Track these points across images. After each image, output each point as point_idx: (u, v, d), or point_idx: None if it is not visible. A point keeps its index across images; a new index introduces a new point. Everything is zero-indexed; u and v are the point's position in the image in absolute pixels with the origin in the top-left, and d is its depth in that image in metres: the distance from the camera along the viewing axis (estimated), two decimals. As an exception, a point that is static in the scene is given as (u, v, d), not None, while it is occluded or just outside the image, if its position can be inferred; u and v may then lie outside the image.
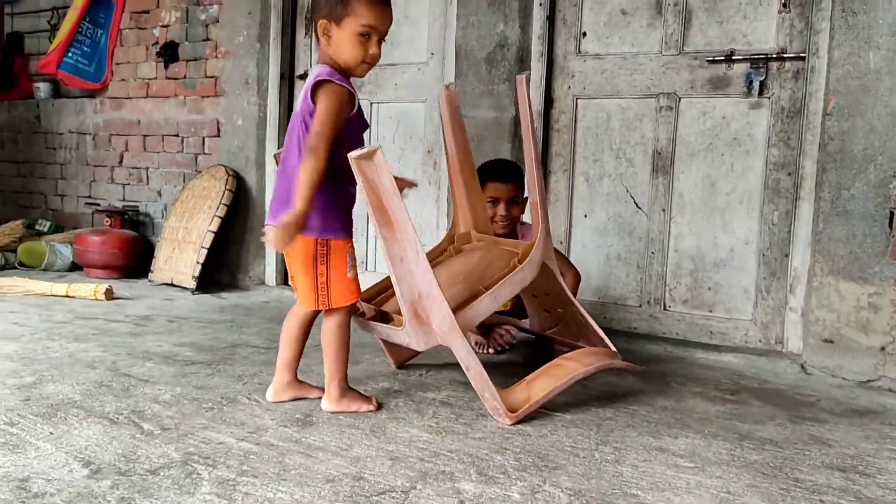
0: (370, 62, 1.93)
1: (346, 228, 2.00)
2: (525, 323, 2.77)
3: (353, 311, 2.07)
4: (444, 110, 2.43)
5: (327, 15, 1.90)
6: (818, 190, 2.69)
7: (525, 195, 2.80)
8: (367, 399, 2.07)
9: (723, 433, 2.00)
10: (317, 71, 1.91)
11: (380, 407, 2.07)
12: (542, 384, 2.06)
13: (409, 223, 1.88)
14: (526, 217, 2.84)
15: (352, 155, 1.81)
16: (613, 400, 2.26)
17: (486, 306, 2.04)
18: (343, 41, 1.89)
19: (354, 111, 1.93)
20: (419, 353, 2.24)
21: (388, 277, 2.34)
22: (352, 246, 2.01)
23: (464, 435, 1.90)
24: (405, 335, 2.01)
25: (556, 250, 2.75)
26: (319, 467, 1.64)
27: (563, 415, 2.09)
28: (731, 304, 3.01)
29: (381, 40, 1.93)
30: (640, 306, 3.18)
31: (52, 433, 1.78)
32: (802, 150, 2.80)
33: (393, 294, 2.25)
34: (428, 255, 2.38)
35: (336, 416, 2.00)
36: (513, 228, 2.78)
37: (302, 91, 1.92)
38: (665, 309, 3.13)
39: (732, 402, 2.32)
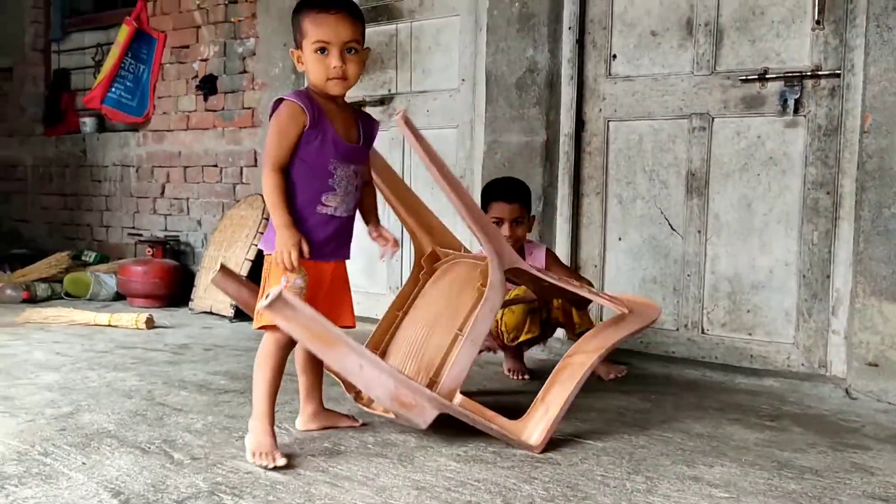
0: (336, 76, 1.85)
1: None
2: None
3: (284, 339, 1.85)
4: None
5: (294, 44, 1.92)
6: (858, 209, 2.63)
7: (532, 214, 2.82)
8: (272, 455, 1.80)
9: (761, 461, 1.94)
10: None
11: (286, 464, 1.80)
12: (555, 395, 2.02)
13: (342, 338, 1.77)
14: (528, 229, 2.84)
15: (261, 307, 1.70)
16: (647, 427, 2.22)
17: (467, 354, 1.97)
18: (307, 63, 1.88)
19: (307, 128, 1.83)
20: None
21: (382, 323, 2.38)
22: (300, 267, 1.85)
23: (492, 464, 1.87)
24: (404, 420, 1.98)
25: (565, 268, 2.91)
26: (345, 497, 1.64)
27: (594, 443, 2.06)
28: (772, 326, 2.94)
29: (348, 52, 1.86)
30: (677, 330, 3.12)
31: (84, 463, 1.80)
32: (841, 169, 2.74)
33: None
34: (403, 289, 2.40)
35: (365, 444, 1.99)
36: (519, 247, 2.75)
37: None
38: (703, 332, 3.07)
39: (772, 428, 2.25)
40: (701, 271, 3.06)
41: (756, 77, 2.88)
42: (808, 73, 2.79)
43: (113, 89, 4.87)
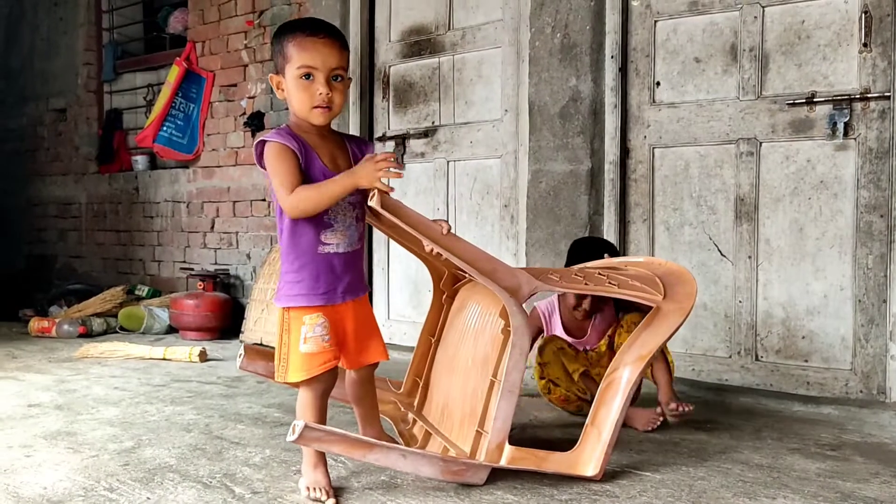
0: (321, 104, 1.79)
1: (295, 294, 1.85)
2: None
3: (320, 388, 1.88)
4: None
5: (275, 69, 1.85)
6: (914, 232, 2.58)
7: None
8: (326, 490, 1.83)
9: (823, 493, 1.90)
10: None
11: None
12: (604, 416, 1.99)
13: (376, 443, 1.83)
14: None
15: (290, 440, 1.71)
16: (705, 458, 2.19)
17: (507, 406, 1.94)
18: (290, 91, 1.81)
19: (302, 166, 1.79)
20: None
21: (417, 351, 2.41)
22: (315, 315, 1.83)
23: (549, 497, 1.87)
24: (461, 482, 1.96)
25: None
26: (405, 532, 1.65)
27: (652, 475, 2.04)
28: (829, 353, 2.88)
29: (334, 79, 1.80)
30: (730, 357, 3.08)
31: (149, 498, 1.84)
32: (894, 191, 2.69)
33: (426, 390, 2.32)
34: (429, 315, 2.43)
35: (420, 477, 2.00)
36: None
37: None
38: (757, 360, 3.03)
39: (834, 458, 2.21)
40: (753, 297, 3.02)
41: (804, 101, 2.87)
42: (857, 96, 2.77)
43: (164, 128, 5.02)
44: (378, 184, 1.72)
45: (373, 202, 1.75)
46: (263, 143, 1.82)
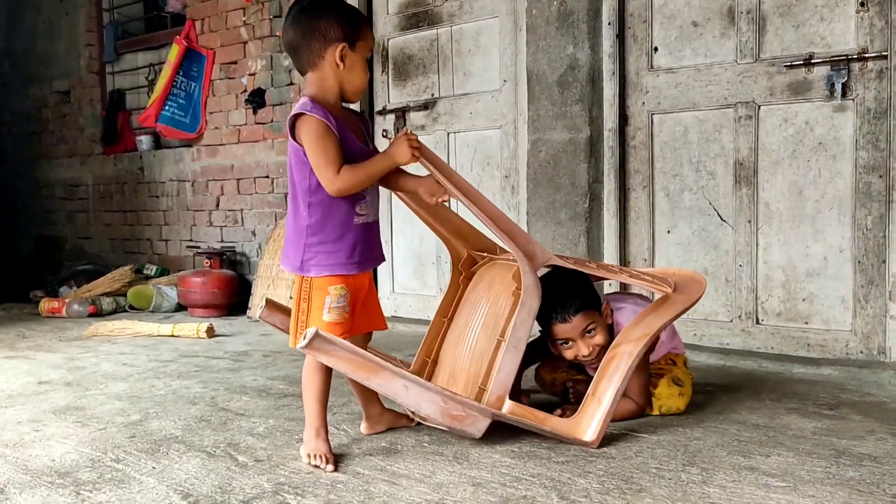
0: (365, 88, 1.92)
1: (332, 264, 1.88)
2: None
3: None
4: None
5: (345, 39, 1.84)
6: (912, 191, 2.58)
7: (605, 307, 2.25)
8: (325, 457, 1.86)
9: (818, 450, 1.92)
10: (297, 105, 1.85)
11: (334, 469, 1.85)
12: (605, 388, 2.02)
13: (383, 365, 1.83)
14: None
15: (300, 347, 1.74)
16: (702, 419, 2.22)
17: (511, 360, 1.99)
18: (354, 67, 1.87)
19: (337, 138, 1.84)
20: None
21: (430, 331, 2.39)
22: (340, 287, 1.88)
23: (547, 459, 1.90)
24: (458, 432, 2.00)
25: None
26: (403, 494, 1.68)
27: (648, 436, 2.07)
28: (829, 314, 2.89)
29: None
30: (731, 321, 3.10)
31: (154, 468, 1.89)
32: (892, 151, 2.69)
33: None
34: (445, 296, 2.39)
35: (421, 443, 2.04)
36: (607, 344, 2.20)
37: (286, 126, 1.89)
38: (757, 323, 3.04)
39: (830, 417, 2.23)
40: (753, 261, 3.03)
41: (801, 63, 2.85)
42: (855, 56, 2.75)
43: (166, 107, 5.03)
44: (414, 161, 1.86)
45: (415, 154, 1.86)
46: (298, 115, 1.81)
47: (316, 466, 1.85)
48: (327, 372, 1.91)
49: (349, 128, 1.89)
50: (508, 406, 1.98)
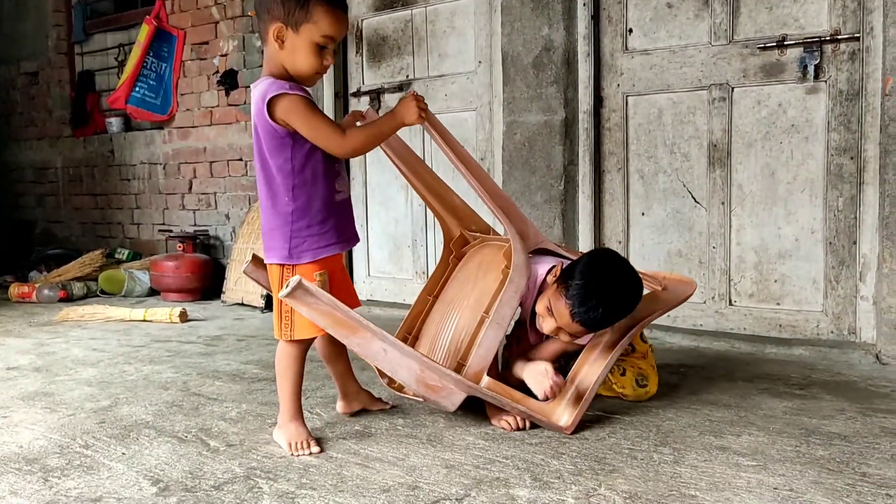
0: (323, 72, 1.82)
1: (324, 246, 1.85)
2: None
3: (308, 345, 1.92)
4: None
5: (283, 19, 1.75)
6: (882, 173, 2.60)
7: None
8: (308, 443, 1.86)
9: (788, 429, 1.94)
10: (263, 87, 1.76)
11: (320, 450, 1.85)
12: (585, 376, 2.03)
13: (365, 323, 1.80)
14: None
15: (282, 295, 1.69)
16: (675, 400, 2.23)
17: (493, 336, 1.97)
18: (298, 50, 1.76)
19: None
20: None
21: (414, 307, 2.39)
22: (324, 273, 1.84)
23: (520, 441, 1.90)
24: (432, 403, 1.98)
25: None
26: (376, 478, 1.68)
27: (621, 416, 2.08)
28: (800, 295, 2.92)
29: (334, 49, 1.82)
30: (705, 302, 3.11)
31: (124, 454, 1.86)
32: (864, 133, 2.70)
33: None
34: (434, 273, 2.38)
35: (395, 426, 2.03)
36: None
37: (253, 108, 1.80)
38: (730, 304, 3.06)
39: (801, 396, 2.25)
40: (726, 243, 3.04)
41: (774, 44, 2.86)
42: (828, 38, 2.76)
43: (137, 89, 4.95)
44: (420, 122, 1.82)
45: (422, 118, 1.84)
46: (281, 96, 1.73)
47: (301, 455, 1.83)
48: (302, 357, 1.90)
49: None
50: (486, 382, 1.97)
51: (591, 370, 2.04)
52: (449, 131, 1.99)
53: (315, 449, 1.84)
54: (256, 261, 2.21)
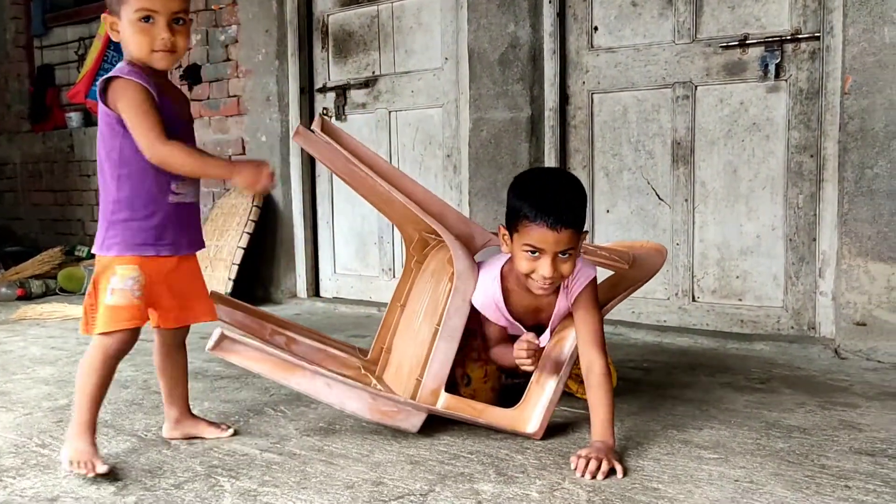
0: (164, 49, 1.67)
1: (136, 244, 1.71)
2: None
3: (115, 348, 1.71)
4: (311, 145, 2.02)
5: (109, 9, 1.70)
6: (841, 170, 2.64)
7: (583, 237, 1.83)
8: (92, 463, 1.64)
9: (749, 423, 1.97)
10: (113, 69, 1.69)
11: (107, 472, 1.64)
12: (548, 375, 1.92)
13: (301, 364, 1.79)
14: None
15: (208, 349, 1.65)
16: (639, 396, 2.25)
17: (444, 350, 1.91)
18: (126, 33, 1.67)
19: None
20: None
21: (385, 319, 2.32)
22: (129, 267, 1.69)
23: (485, 436, 1.90)
24: (392, 427, 1.91)
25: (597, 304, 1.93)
26: (340, 474, 1.66)
27: (585, 411, 2.06)
28: (761, 291, 2.96)
29: (177, 22, 1.68)
30: (668, 299, 3.14)
31: (82, 452, 1.82)
32: (823, 131, 2.75)
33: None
34: (399, 281, 2.30)
35: (359, 423, 2.01)
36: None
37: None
38: (693, 300, 3.10)
39: (762, 390, 2.28)
40: (690, 240, 3.08)
41: (737, 43, 2.89)
42: (788, 38, 2.80)
43: (97, 83, 4.86)
44: (254, 193, 1.67)
45: (313, 126, 1.79)
46: (112, 79, 1.65)
47: (80, 475, 1.64)
48: (110, 371, 1.73)
49: (170, 98, 1.74)
50: (444, 400, 1.91)
51: (553, 370, 1.92)
52: (364, 147, 1.95)
53: (102, 469, 1.63)
54: (215, 297, 2.08)
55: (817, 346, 2.73)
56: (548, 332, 2.01)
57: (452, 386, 2.03)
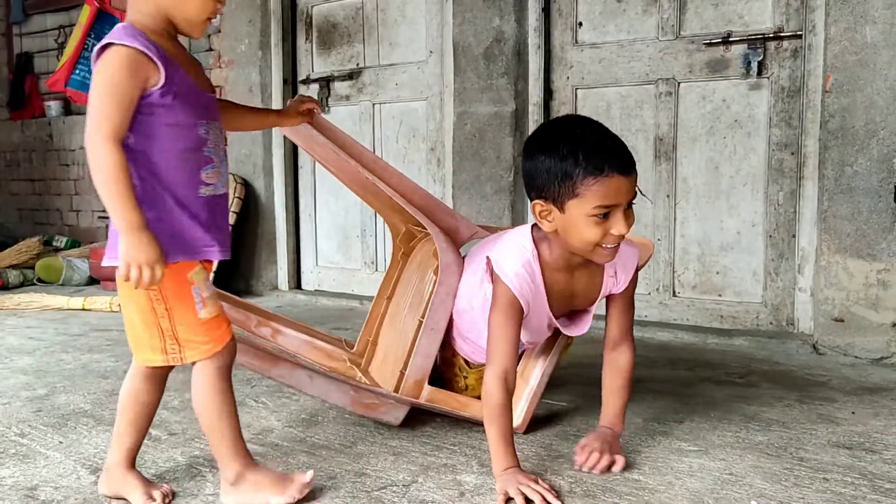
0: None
1: (182, 246, 1.39)
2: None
3: (229, 359, 1.48)
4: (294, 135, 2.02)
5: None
6: (821, 168, 2.67)
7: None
8: (283, 481, 1.47)
9: (729, 416, 1.99)
10: (111, 33, 1.34)
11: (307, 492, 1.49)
12: (532, 370, 1.93)
13: (282, 356, 1.79)
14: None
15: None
16: (620, 388, 2.26)
17: (428, 343, 1.88)
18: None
19: (158, 84, 1.33)
20: None
21: (372, 312, 2.31)
22: (200, 269, 1.43)
23: (468, 428, 1.90)
24: (375, 420, 1.90)
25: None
26: (323, 465, 1.66)
27: (567, 404, 2.10)
28: (741, 287, 2.99)
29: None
30: (650, 294, 3.16)
31: (61, 442, 1.81)
32: (804, 129, 2.78)
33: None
34: (386, 274, 2.28)
35: (342, 414, 2.01)
36: None
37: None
38: (674, 295, 3.12)
39: (741, 385, 2.30)
40: (671, 235, 3.10)
41: (720, 41, 2.91)
42: (771, 35, 2.82)
43: (77, 71, 4.80)
44: (121, 269, 1.31)
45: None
46: (108, 45, 1.32)
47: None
48: (230, 383, 1.50)
49: (186, 68, 1.40)
50: (427, 392, 1.90)
51: (536, 360, 1.95)
52: (351, 138, 1.94)
53: (308, 475, 1.49)
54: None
55: (796, 342, 2.76)
56: (587, 322, 1.81)
57: (437, 380, 2.03)
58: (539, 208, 1.54)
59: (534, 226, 1.65)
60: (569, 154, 1.46)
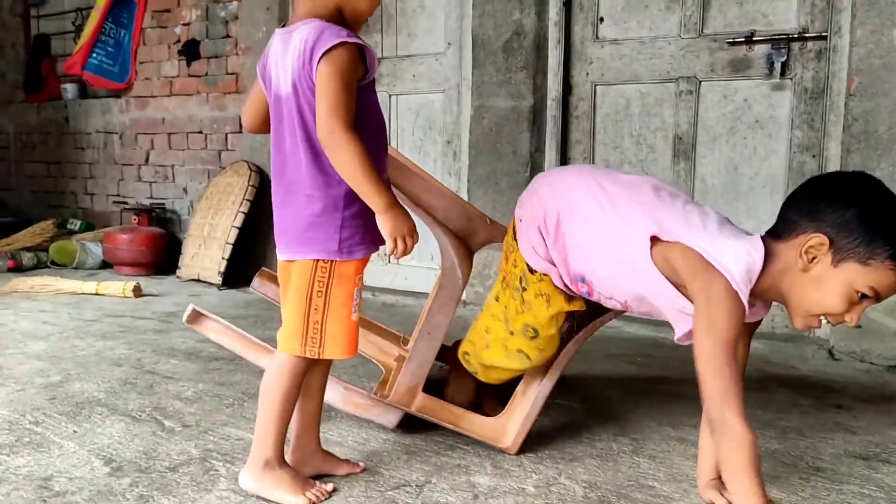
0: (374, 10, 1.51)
1: (364, 241, 1.45)
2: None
3: (308, 361, 1.48)
4: None
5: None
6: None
7: None
8: (304, 484, 1.49)
9: (744, 422, 1.97)
10: (305, 31, 1.37)
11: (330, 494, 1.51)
12: (535, 387, 1.80)
13: (268, 347, 1.82)
14: None
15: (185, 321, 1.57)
16: (633, 390, 2.25)
17: (424, 349, 1.81)
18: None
19: (364, 79, 1.41)
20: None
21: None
22: (361, 276, 1.47)
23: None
24: (370, 420, 1.85)
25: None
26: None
27: (580, 406, 2.08)
28: (757, 289, 2.96)
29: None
30: (664, 293, 3.14)
31: (75, 432, 1.81)
32: (826, 132, 2.74)
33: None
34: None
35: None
36: None
37: (294, 61, 1.39)
38: (689, 296, 3.09)
39: (757, 389, 2.29)
40: (687, 235, 3.07)
41: (743, 40, 2.87)
42: (795, 36, 2.78)
43: (94, 55, 4.80)
44: (392, 245, 1.40)
45: None
46: (338, 45, 1.34)
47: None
48: (298, 389, 1.51)
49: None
50: (420, 400, 1.82)
51: (540, 380, 1.78)
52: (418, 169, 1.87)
53: (329, 486, 1.52)
54: (264, 275, 2.14)
55: (811, 347, 2.74)
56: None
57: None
58: (816, 241, 1.35)
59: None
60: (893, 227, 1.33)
